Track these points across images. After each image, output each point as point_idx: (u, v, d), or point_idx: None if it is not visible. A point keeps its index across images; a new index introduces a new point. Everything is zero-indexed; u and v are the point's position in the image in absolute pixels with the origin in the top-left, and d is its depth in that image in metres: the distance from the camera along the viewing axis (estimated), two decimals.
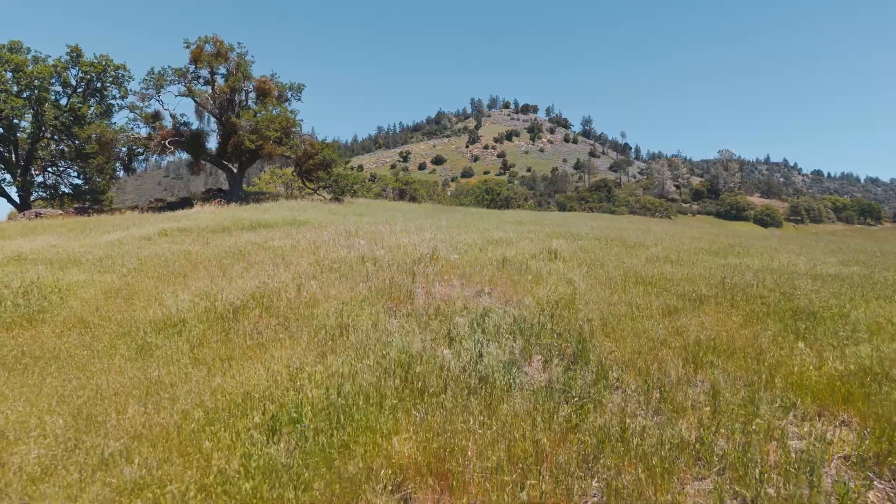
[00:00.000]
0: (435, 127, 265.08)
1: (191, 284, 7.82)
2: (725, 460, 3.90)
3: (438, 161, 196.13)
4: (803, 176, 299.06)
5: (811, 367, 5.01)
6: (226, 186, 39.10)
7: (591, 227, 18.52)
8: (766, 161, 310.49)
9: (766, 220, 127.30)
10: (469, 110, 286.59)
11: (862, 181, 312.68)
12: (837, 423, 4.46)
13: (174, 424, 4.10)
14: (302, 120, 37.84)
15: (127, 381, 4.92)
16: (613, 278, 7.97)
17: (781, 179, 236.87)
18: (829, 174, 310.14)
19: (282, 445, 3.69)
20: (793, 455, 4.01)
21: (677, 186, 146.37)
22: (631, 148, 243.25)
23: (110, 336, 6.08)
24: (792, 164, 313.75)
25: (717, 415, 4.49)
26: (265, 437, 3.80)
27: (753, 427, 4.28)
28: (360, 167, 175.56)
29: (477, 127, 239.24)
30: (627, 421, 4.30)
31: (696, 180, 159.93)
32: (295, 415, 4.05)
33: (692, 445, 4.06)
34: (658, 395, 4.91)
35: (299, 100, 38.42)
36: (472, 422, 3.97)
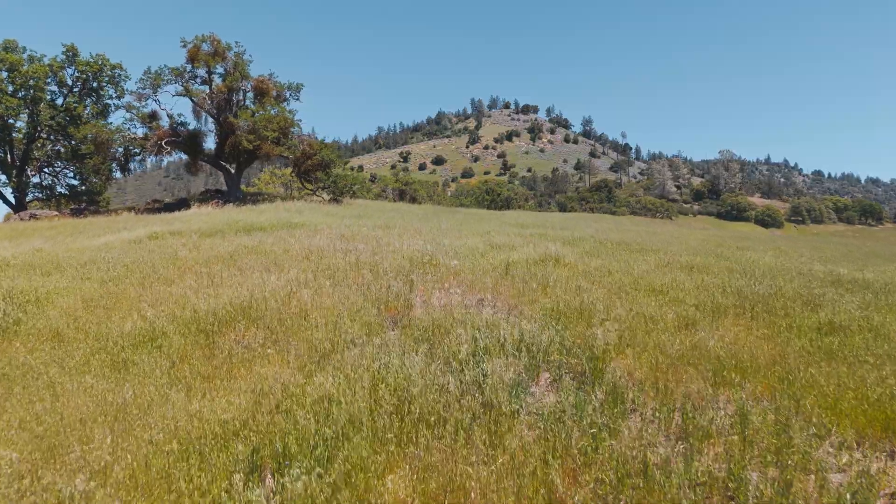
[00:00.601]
0: (435, 127, 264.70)
1: (176, 293, 7.39)
2: (761, 500, 3.47)
3: (439, 161, 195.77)
4: (804, 176, 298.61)
5: (847, 389, 4.58)
6: (225, 187, 38.68)
7: (594, 230, 18.08)
8: (767, 161, 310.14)
9: (767, 220, 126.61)
10: (469, 110, 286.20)
11: (862, 181, 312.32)
12: (881, 454, 4.03)
13: (143, 458, 3.67)
14: (300, 120, 37.55)
15: (97, 404, 4.49)
16: (623, 287, 7.54)
17: (782, 180, 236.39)
18: (829, 174, 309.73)
19: (262, 490, 3.26)
20: (834, 492, 3.59)
21: (678, 187, 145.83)
22: (631, 148, 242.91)
23: (85, 351, 5.65)
24: (792, 164, 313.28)
25: (746, 444, 4.06)
26: (244, 478, 3.36)
27: (788, 459, 3.85)
28: (361, 167, 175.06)
29: (477, 127, 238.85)
30: (648, 454, 3.88)
31: (696, 181, 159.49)
32: (279, 448, 3.62)
33: (722, 481, 3.63)
34: (679, 418, 4.49)
35: (298, 99, 37.94)
36: (475, 458, 3.53)
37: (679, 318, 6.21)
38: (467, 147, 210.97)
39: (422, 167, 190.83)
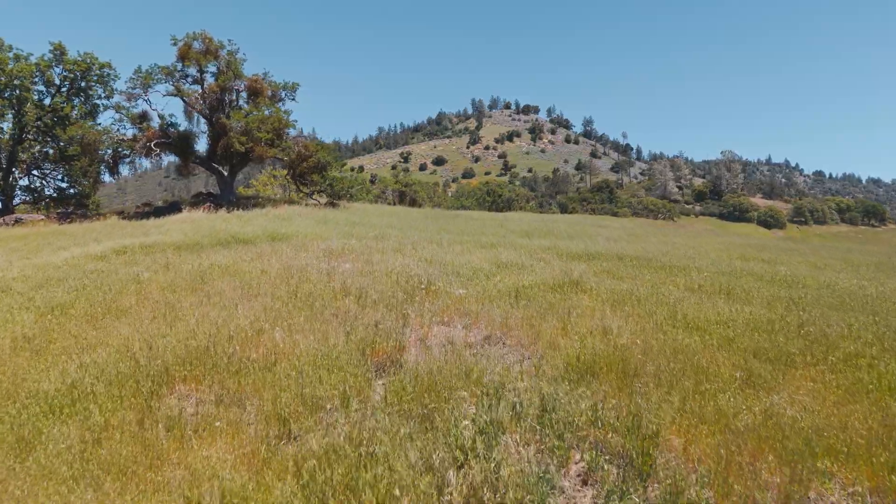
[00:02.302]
0: (436, 127, 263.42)
1: (123, 331, 6.16)
2: None
3: (439, 162, 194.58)
4: (805, 177, 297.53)
5: None
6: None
7: (605, 239, 16.84)
8: (768, 161, 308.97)
9: (769, 221, 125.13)
10: (470, 111, 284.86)
11: (863, 182, 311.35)
12: None
13: None
14: (296, 121, 36.24)
15: None
16: (658, 322, 6.32)
17: (783, 180, 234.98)
18: (830, 175, 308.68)
19: None
20: None
21: (679, 188, 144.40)
22: (632, 148, 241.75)
23: None
24: (793, 164, 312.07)
25: None
26: None
27: None
28: (361, 168, 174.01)
29: (478, 127, 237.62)
30: None
31: (698, 181, 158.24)
32: None
33: None
34: None
35: (293, 99, 36.63)
36: None
37: (738, 369, 4.98)
38: (468, 147, 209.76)
39: (422, 167, 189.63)
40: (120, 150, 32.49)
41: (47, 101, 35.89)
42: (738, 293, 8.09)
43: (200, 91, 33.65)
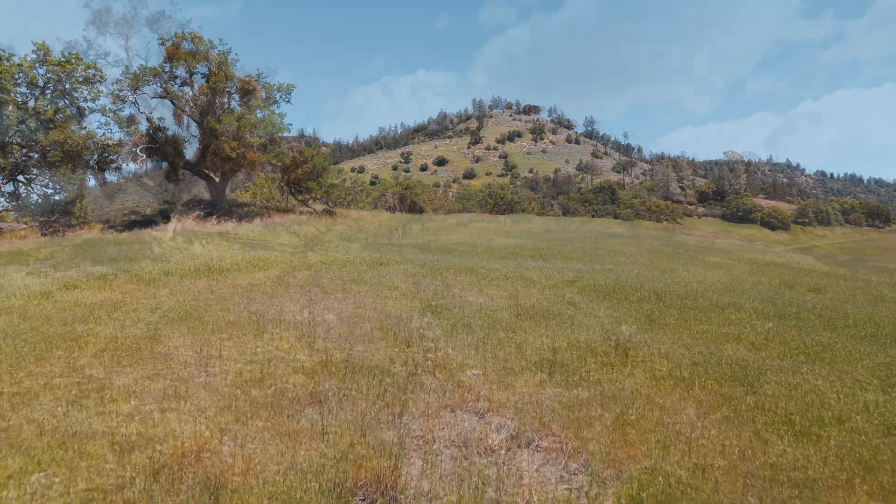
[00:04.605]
0: (437, 128, 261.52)
1: (11, 436, 4.52)
2: None
3: (440, 162, 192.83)
4: (807, 177, 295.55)
5: None
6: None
7: (628, 260, 15.12)
8: (770, 161, 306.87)
9: (773, 222, 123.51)
10: (471, 111, 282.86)
11: (866, 182, 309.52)
12: None
13: None
14: (290, 124, 34.56)
15: None
16: (743, 416, 4.66)
17: (785, 180, 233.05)
18: (832, 175, 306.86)
19: None
20: None
21: (682, 188, 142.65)
22: (634, 149, 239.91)
23: None
24: (795, 164, 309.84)
25: None
26: None
27: None
28: (362, 168, 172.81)
29: (479, 128, 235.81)
30: None
31: (700, 181, 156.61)
32: None
33: None
34: None
35: (288, 101, 35.00)
36: None
37: None
38: (469, 148, 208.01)
39: (423, 168, 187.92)
40: (106, 155, 30.96)
41: (31, 104, 34.28)
42: (818, 353, 6.44)
43: (190, 93, 32.06)
